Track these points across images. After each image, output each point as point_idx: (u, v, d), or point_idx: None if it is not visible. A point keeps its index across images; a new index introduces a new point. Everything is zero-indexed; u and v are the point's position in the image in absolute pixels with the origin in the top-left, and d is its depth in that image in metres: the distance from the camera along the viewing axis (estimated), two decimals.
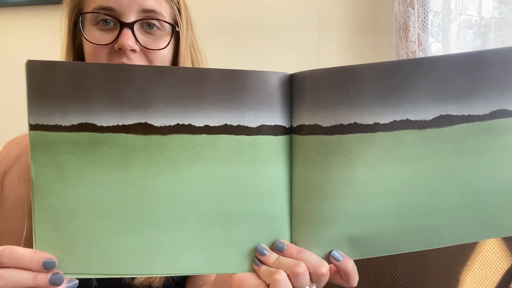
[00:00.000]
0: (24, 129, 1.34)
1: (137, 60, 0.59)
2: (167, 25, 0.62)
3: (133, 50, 0.59)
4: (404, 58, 1.28)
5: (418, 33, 1.27)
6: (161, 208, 0.42)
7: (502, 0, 1.26)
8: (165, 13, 0.62)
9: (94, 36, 0.60)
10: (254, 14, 1.39)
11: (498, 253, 0.91)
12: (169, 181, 0.42)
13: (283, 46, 1.39)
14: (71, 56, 0.64)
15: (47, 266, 0.40)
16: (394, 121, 0.41)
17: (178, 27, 0.63)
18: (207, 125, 0.42)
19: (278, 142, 0.43)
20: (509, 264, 0.91)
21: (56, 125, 0.41)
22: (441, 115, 0.42)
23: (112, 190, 0.41)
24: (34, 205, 0.42)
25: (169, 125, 0.42)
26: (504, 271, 0.91)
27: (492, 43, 1.23)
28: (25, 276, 0.40)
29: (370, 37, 1.37)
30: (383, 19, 1.36)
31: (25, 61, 0.42)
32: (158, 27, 0.61)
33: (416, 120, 0.42)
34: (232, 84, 0.42)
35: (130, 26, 0.58)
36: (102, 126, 0.41)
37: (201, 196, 0.42)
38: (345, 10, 1.38)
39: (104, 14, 0.59)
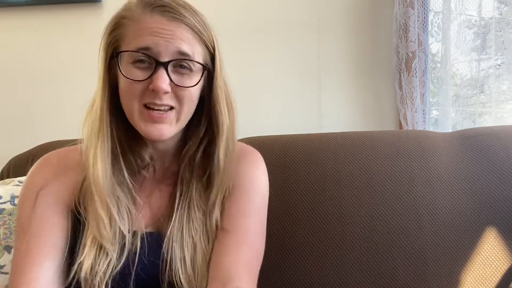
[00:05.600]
0: (24, 127, 1.34)
1: (168, 99, 0.65)
2: (198, 65, 0.67)
3: (166, 92, 0.64)
4: (404, 58, 1.28)
5: (418, 33, 1.27)
6: None
7: (502, 0, 1.26)
8: (197, 56, 0.67)
9: (130, 73, 0.64)
10: (254, 14, 1.39)
11: (498, 253, 0.91)
12: None
13: (283, 46, 1.39)
14: (107, 86, 0.68)
15: None
16: None
17: (208, 65, 0.69)
18: None
19: None
20: (509, 264, 0.91)
21: None
22: None
23: None
24: None
25: None
26: (504, 271, 0.91)
27: (492, 43, 1.23)
28: None
29: (370, 37, 1.37)
30: (383, 19, 1.36)
31: (24, 61, 0.42)
32: (189, 68, 0.66)
33: None
34: None
35: (165, 65, 0.63)
36: None
37: None
38: (345, 10, 1.37)
39: (142, 53, 0.63)
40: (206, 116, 0.72)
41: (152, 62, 0.64)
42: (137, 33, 0.64)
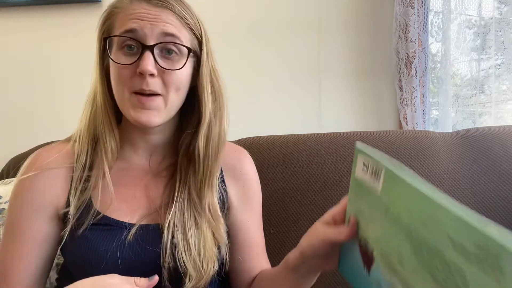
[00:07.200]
0: (24, 127, 1.32)
1: (155, 85, 0.65)
2: (184, 50, 0.67)
3: (152, 75, 0.65)
4: (404, 58, 1.28)
5: (418, 33, 1.27)
6: None
7: (502, 0, 1.26)
8: (184, 38, 0.68)
9: (118, 59, 0.66)
10: (254, 14, 1.39)
11: None
12: None
13: (283, 46, 1.39)
14: (104, 78, 0.71)
15: None
16: None
17: (196, 52, 0.70)
18: None
19: None
20: None
21: None
22: None
23: None
24: None
25: None
26: None
27: (492, 43, 1.23)
28: None
29: (370, 37, 1.37)
30: (383, 19, 1.36)
31: (24, 61, 0.42)
32: (176, 52, 0.67)
33: None
34: None
35: (151, 48, 0.65)
36: None
37: None
38: (345, 10, 1.37)
39: (128, 37, 0.65)
40: (200, 107, 0.73)
41: (139, 47, 0.65)
42: (124, 19, 0.66)
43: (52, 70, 1.42)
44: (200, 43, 0.71)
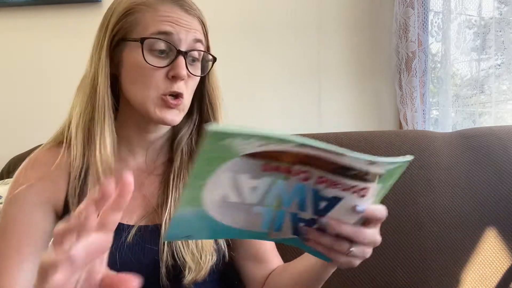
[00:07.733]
0: (24, 127, 1.32)
1: (182, 87, 0.68)
2: (201, 55, 0.71)
3: (183, 79, 0.67)
4: (404, 58, 1.28)
5: (418, 33, 1.27)
6: None
7: (502, 0, 1.26)
8: (205, 45, 0.72)
9: (149, 60, 0.66)
10: (254, 14, 1.39)
11: (498, 253, 0.91)
12: None
13: (283, 46, 1.39)
14: (109, 73, 0.69)
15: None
16: None
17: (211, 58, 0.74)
18: None
19: None
20: (509, 264, 0.91)
21: None
22: None
23: None
24: None
25: None
26: (504, 271, 0.91)
27: (492, 43, 1.24)
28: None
29: (370, 37, 1.37)
30: (383, 19, 1.36)
31: (24, 61, 0.42)
32: (198, 60, 0.70)
33: None
34: None
35: (184, 54, 0.66)
36: None
37: None
38: (345, 10, 1.37)
39: (163, 39, 0.66)
40: (198, 107, 0.76)
41: (173, 50, 0.66)
42: (156, 19, 0.66)
43: (52, 70, 1.42)
44: (207, 46, 0.73)
